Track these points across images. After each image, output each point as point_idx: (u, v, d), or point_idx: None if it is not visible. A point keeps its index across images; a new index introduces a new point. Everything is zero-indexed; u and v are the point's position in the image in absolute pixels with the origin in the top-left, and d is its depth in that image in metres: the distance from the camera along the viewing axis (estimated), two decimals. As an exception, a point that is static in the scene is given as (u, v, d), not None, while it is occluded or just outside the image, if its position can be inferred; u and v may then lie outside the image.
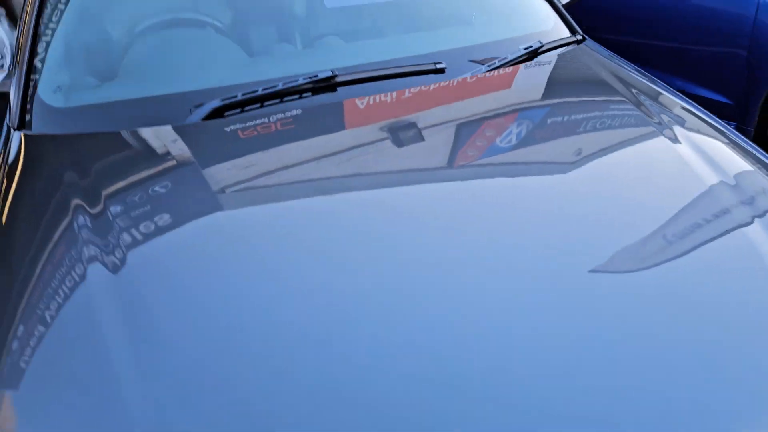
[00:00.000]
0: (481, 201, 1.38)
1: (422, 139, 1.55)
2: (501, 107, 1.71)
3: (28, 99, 1.71)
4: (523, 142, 1.57)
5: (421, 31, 2.08)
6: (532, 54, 1.91)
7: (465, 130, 1.61)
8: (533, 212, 1.33)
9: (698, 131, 1.69)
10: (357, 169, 1.49)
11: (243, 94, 1.64)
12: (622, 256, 1.22)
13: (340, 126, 1.64)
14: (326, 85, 1.70)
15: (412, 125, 1.61)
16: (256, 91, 1.65)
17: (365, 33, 2.13)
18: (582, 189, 1.42)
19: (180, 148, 1.52)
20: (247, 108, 1.65)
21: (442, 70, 1.79)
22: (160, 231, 1.29)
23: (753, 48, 2.99)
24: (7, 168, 1.58)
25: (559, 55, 1.99)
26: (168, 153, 1.52)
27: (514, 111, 1.71)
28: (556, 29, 2.11)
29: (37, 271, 1.22)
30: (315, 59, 1.92)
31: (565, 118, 1.66)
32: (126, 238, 1.26)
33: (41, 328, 1.09)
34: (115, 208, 1.34)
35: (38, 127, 1.66)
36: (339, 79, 1.70)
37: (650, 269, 1.20)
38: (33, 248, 1.28)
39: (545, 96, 1.80)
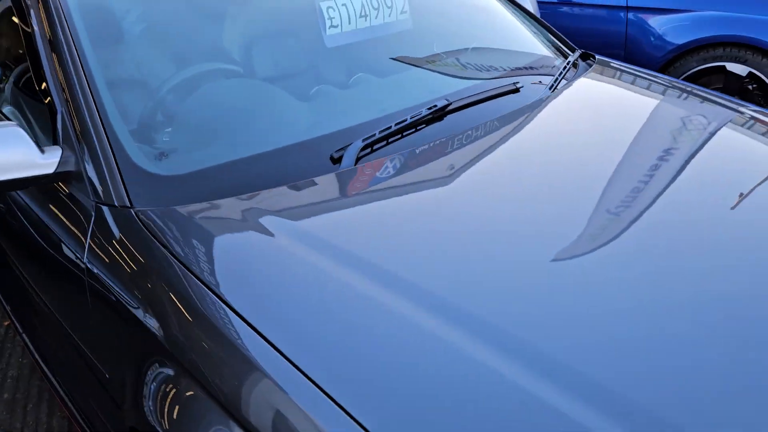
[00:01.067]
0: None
1: (571, 154, 1.66)
2: (609, 116, 1.87)
3: (123, 172, 1.45)
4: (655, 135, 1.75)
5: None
6: (573, 66, 2.11)
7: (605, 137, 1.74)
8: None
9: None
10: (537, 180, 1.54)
11: (380, 132, 1.60)
12: None
13: (484, 144, 1.66)
14: (441, 114, 1.72)
15: (550, 141, 1.70)
16: (390, 127, 1.61)
17: (388, 70, 2.14)
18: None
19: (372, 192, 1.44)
20: (376, 147, 1.61)
21: (518, 90, 1.90)
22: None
23: (627, 56, 3.55)
24: (124, 252, 1.33)
25: (598, 71, 2.20)
26: (353, 196, 1.44)
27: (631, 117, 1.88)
28: (561, 50, 2.34)
29: None
30: (408, 95, 1.88)
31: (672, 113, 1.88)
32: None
33: None
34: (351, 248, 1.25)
35: (154, 201, 1.42)
36: (451, 107, 1.73)
37: None
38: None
39: (632, 99, 2.01)
